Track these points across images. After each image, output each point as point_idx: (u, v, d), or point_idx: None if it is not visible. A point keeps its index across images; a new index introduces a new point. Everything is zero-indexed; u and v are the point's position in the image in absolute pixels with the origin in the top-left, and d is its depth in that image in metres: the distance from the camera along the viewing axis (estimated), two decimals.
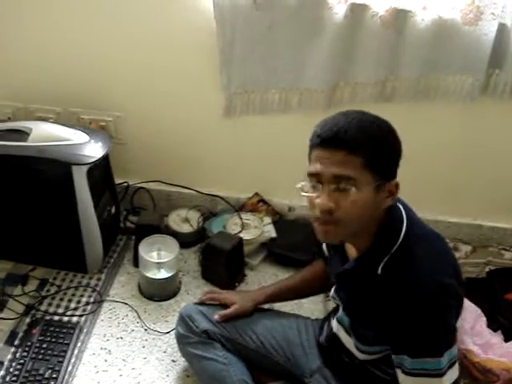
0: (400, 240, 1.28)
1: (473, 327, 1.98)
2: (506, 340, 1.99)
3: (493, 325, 2.03)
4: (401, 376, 1.31)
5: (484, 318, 2.03)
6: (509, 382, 1.89)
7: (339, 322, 1.49)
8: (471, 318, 2.00)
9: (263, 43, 2.05)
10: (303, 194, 1.27)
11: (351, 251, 1.40)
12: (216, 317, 1.72)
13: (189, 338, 1.72)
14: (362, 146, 1.19)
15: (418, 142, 2.21)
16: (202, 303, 1.80)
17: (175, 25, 2.06)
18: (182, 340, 1.76)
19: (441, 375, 1.26)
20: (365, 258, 1.32)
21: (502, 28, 1.97)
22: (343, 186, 1.20)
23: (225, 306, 1.76)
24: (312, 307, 2.13)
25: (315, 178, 1.24)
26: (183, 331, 1.73)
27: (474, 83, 2.06)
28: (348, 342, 1.48)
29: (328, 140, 1.21)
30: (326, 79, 2.10)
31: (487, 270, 2.35)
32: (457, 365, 1.30)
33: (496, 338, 1.98)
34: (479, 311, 2.04)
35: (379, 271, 1.28)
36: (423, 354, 1.25)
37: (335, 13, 1.95)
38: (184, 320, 1.74)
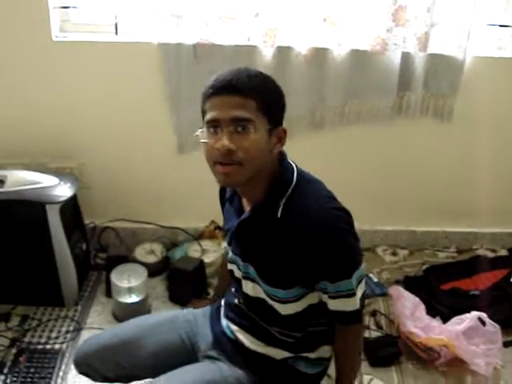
0: (294, 183, 1.39)
1: (413, 313, 2.24)
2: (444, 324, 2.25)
3: (431, 312, 2.30)
4: (328, 300, 1.40)
5: (423, 306, 2.29)
6: (450, 359, 2.15)
7: (247, 277, 1.49)
8: (411, 305, 2.26)
9: None
10: (202, 141, 1.34)
11: (246, 205, 1.46)
12: None
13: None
14: (254, 90, 1.30)
15: (351, 162, 2.53)
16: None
17: (128, 80, 2.38)
18: None
19: (353, 294, 1.37)
20: (262, 205, 1.40)
21: (406, 56, 2.35)
22: (242, 128, 1.29)
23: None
24: None
25: (213, 124, 1.31)
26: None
27: (387, 105, 2.42)
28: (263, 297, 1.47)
29: (223, 88, 1.30)
30: None
31: (424, 268, 2.65)
32: (364, 280, 1.42)
33: (435, 322, 2.24)
34: (418, 299, 2.30)
35: (279, 215, 1.37)
36: (335, 278, 1.35)
37: (265, 55, 2.29)
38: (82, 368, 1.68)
